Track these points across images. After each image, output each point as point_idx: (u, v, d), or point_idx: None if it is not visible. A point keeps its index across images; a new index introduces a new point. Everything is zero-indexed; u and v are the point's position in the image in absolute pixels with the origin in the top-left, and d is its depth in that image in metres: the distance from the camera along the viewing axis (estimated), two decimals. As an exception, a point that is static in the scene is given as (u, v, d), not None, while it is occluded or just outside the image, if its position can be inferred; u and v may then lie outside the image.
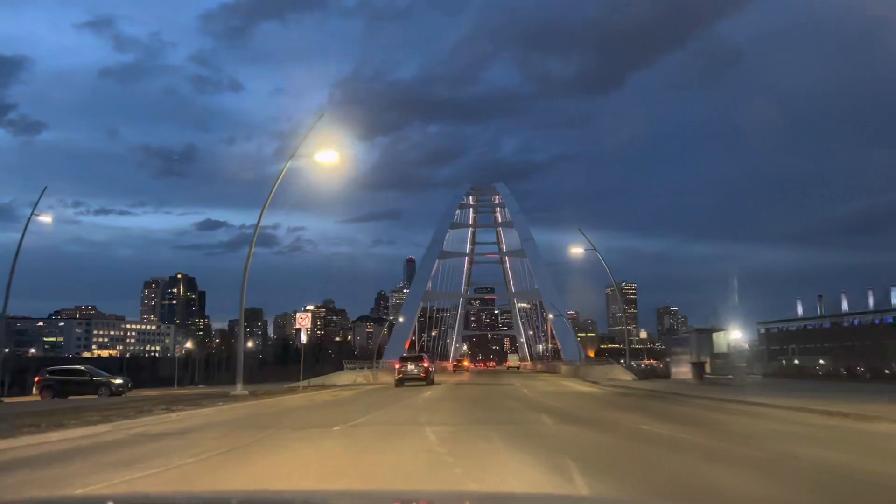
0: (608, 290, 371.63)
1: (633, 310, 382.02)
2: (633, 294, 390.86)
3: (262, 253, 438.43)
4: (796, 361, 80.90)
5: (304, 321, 32.32)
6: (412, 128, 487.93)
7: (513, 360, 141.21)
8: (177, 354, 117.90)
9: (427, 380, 40.77)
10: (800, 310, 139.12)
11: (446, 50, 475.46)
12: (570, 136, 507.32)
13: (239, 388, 26.80)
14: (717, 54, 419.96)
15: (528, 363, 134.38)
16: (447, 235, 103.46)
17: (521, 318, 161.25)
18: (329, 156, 29.15)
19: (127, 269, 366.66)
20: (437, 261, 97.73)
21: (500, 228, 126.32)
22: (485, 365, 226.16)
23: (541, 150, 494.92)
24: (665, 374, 45.11)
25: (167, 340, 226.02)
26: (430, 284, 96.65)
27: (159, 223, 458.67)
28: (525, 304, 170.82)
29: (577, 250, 49.63)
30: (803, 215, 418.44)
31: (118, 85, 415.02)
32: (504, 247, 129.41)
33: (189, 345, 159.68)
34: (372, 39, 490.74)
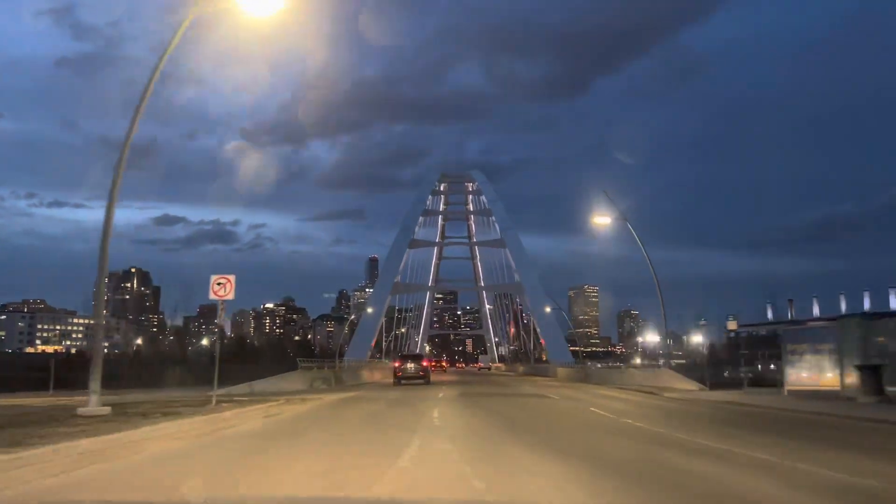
0: (571, 292, 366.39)
1: (594, 312, 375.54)
2: (594, 297, 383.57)
3: (221, 250, 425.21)
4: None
5: (222, 290, 18.42)
6: (376, 127, 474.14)
7: (484, 360, 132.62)
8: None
9: (425, 378, 40.90)
10: (769, 314, 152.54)
11: (412, 49, 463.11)
12: (535, 140, 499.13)
13: (92, 404, 14.29)
14: (679, 62, 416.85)
15: (501, 364, 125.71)
16: (418, 222, 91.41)
17: (490, 317, 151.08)
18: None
19: (82, 264, 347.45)
20: (407, 250, 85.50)
21: (472, 220, 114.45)
22: (453, 366, 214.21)
23: (505, 153, 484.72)
24: (735, 383, 33.38)
25: (116, 336, 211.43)
26: (398, 277, 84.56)
27: (117, 217, 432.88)
28: (490, 306, 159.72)
29: (601, 220, 37.75)
30: (761, 222, 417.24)
31: (76, 75, 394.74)
32: (475, 239, 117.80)
33: (139, 341, 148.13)
34: (337, 37, 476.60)
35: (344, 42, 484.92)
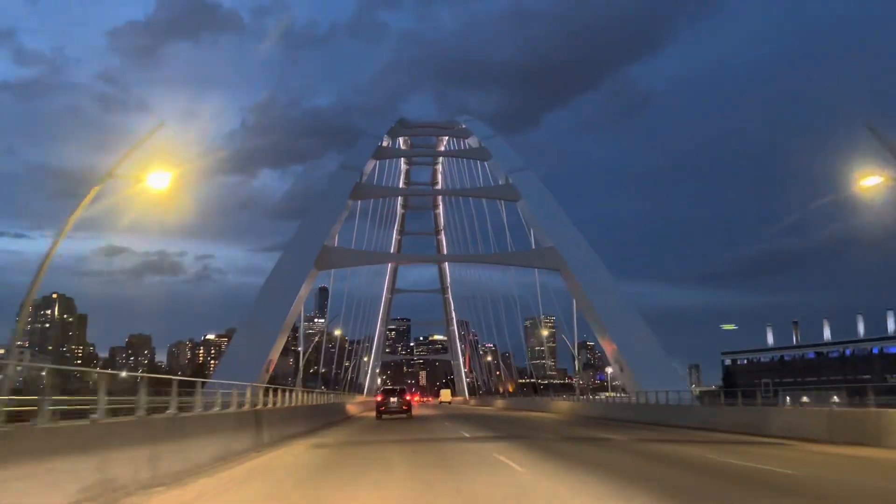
0: (527, 322, 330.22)
1: (551, 344, 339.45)
2: (552, 327, 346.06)
3: (167, 281, 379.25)
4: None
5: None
6: (329, 157, 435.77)
7: (445, 395, 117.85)
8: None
9: (408, 413, 37.65)
10: (770, 339, 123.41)
11: (365, 80, 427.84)
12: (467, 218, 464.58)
13: None
14: (627, 98, 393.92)
15: (471, 398, 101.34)
16: (369, 168, 51.38)
17: (459, 336, 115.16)
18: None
19: (18, 296, 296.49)
20: (347, 200, 45.32)
21: (444, 168, 75.06)
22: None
23: (450, 227, 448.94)
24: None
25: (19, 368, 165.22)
26: (336, 239, 44.07)
27: (58, 248, 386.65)
28: (454, 328, 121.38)
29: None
30: (707, 257, 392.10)
31: (17, 100, 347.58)
32: (440, 210, 78.19)
33: (42, 373, 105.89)
34: (289, 65, 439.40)
35: (296, 71, 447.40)
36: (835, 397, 29.61)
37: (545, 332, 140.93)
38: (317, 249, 38.58)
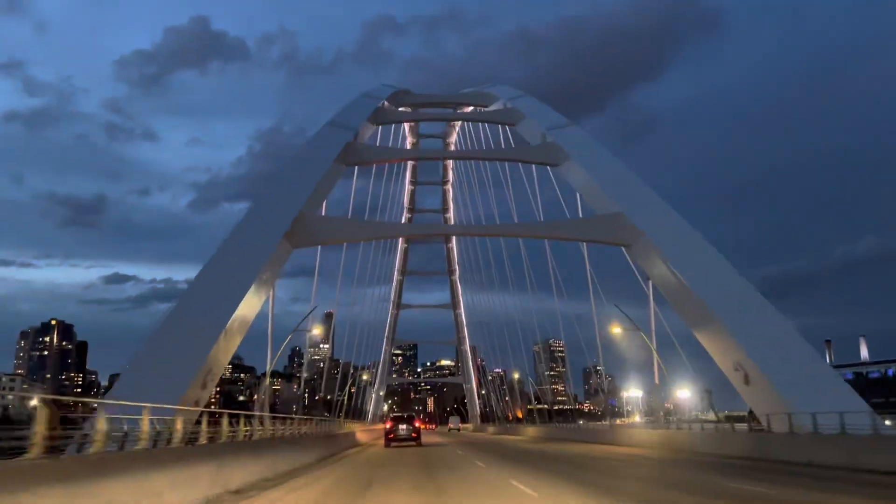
0: (535, 347, 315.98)
1: (561, 368, 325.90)
2: (561, 352, 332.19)
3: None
4: None
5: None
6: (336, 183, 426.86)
7: (454, 421, 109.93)
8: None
9: (417, 440, 35.54)
10: None
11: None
12: (496, 194, 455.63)
13: None
14: (633, 120, 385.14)
15: (487, 424, 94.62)
16: (367, 133, 39.20)
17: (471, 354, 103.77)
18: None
19: (25, 325, 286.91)
20: (336, 163, 32.75)
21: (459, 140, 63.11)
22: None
23: (465, 206, 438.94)
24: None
25: (9, 397, 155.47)
26: (324, 207, 31.65)
27: (65, 276, 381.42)
28: (466, 348, 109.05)
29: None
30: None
31: (26, 129, 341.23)
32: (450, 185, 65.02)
33: (33, 402, 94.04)
34: (295, 93, 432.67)
35: (301, 98, 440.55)
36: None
37: (618, 330, 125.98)
38: (288, 218, 26.31)
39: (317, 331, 31.12)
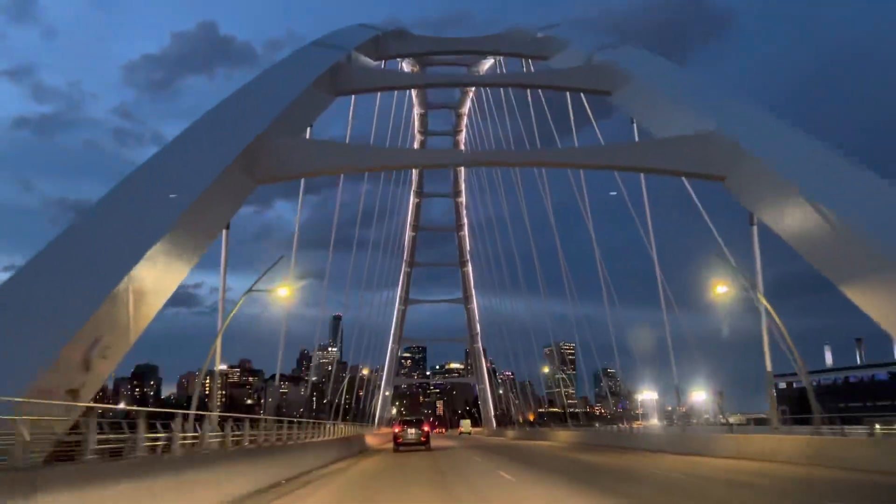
0: (546, 350, 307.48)
1: (571, 370, 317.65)
2: (571, 354, 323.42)
3: (183, 313, 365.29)
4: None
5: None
6: (344, 187, 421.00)
7: (465, 425, 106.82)
8: None
9: (426, 445, 35.13)
10: (829, 359, 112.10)
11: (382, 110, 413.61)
12: (503, 199, 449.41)
13: None
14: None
15: (505, 429, 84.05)
16: (361, 62, 30.62)
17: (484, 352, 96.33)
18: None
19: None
20: (313, 84, 23.49)
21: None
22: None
23: (475, 210, 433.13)
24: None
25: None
26: (308, 132, 23.13)
27: None
28: (479, 345, 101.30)
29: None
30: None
31: (35, 135, 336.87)
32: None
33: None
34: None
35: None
36: None
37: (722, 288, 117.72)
38: (242, 142, 17.90)
39: (285, 290, 22.82)
